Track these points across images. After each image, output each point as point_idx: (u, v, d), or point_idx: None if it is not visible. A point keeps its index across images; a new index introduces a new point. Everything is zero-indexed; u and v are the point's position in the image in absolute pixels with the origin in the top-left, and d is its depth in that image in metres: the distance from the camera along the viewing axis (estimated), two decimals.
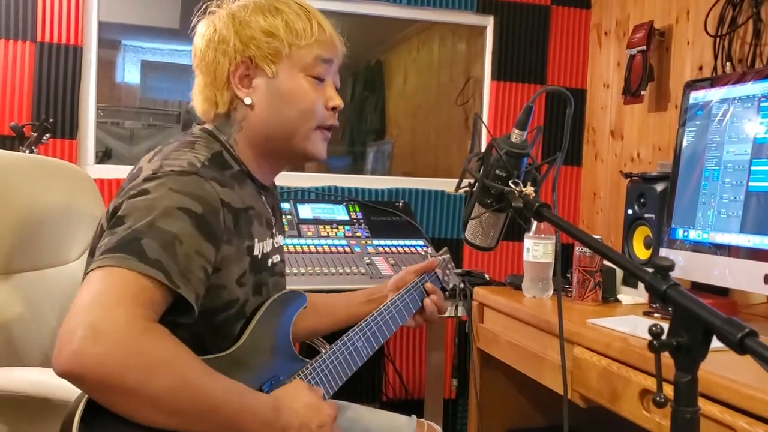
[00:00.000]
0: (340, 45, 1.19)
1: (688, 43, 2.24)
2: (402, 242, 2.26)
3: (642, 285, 1.62)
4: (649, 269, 0.81)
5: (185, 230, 0.95)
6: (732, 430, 1.10)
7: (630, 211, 1.95)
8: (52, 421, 1.25)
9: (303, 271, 1.99)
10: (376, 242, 2.24)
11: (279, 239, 1.25)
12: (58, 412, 1.18)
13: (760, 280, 1.46)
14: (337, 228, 2.27)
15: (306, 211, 2.31)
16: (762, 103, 1.52)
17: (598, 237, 1.11)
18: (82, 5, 2.34)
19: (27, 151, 2.10)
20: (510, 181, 1.14)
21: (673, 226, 1.72)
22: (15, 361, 1.31)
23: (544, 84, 2.79)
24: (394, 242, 2.26)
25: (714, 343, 0.71)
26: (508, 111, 2.76)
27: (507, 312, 1.87)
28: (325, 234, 2.23)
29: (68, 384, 0.84)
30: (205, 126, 1.16)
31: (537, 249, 1.87)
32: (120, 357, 0.83)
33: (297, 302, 1.22)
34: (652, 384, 1.28)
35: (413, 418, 1.46)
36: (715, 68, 2.08)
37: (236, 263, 1.06)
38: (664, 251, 1.73)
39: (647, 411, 1.29)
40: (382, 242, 2.25)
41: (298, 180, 2.57)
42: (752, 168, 1.52)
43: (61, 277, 1.46)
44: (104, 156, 2.65)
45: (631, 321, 1.55)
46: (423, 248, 2.21)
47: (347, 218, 2.34)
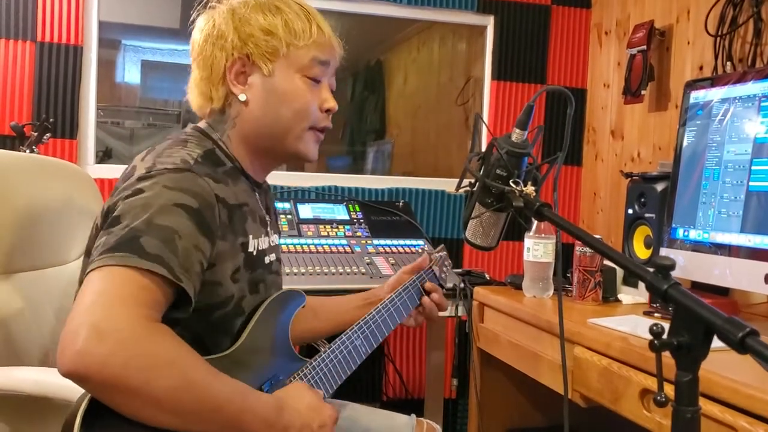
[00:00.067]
0: (339, 48, 1.20)
1: (688, 42, 2.24)
2: (402, 242, 2.26)
3: (642, 285, 1.62)
4: (650, 269, 0.81)
5: (183, 225, 0.95)
6: (733, 429, 1.10)
7: (630, 211, 1.95)
8: (53, 420, 1.25)
9: (303, 270, 1.99)
10: (376, 242, 2.24)
11: (274, 238, 1.25)
12: (59, 411, 1.18)
13: (761, 280, 1.46)
14: (337, 228, 2.27)
15: (306, 211, 2.31)
16: (762, 103, 1.52)
17: (598, 237, 1.11)
18: (83, 5, 2.34)
19: (27, 151, 2.10)
20: (511, 181, 1.14)
21: (674, 225, 1.72)
22: (15, 360, 1.31)
23: (545, 84, 2.79)
24: (395, 242, 2.26)
25: (714, 343, 0.71)
26: (509, 111, 2.76)
27: (507, 312, 1.87)
28: (326, 234, 2.23)
29: (69, 383, 0.84)
30: (197, 125, 1.17)
31: (537, 249, 1.87)
32: (123, 357, 0.83)
33: (296, 301, 1.22)
34: (652, 384, 1.28)
35: (413, 417, 1.46)
36: (715, 68, 2.08)
37: (230, 259, 1.06)
38: (664, 251, 1.73)
39: (648, 411, 1.29)
40: (383, 242, 2.25)
41: (298, 180, 2.57)
42: (753, 168, 1.52)
43: (61, 276, 1.46)
44: (104, 156, 2.65)
45: (632, 321, 1.55)
46: (422, 247, 2.21)
47: (347, 218, 2.34)
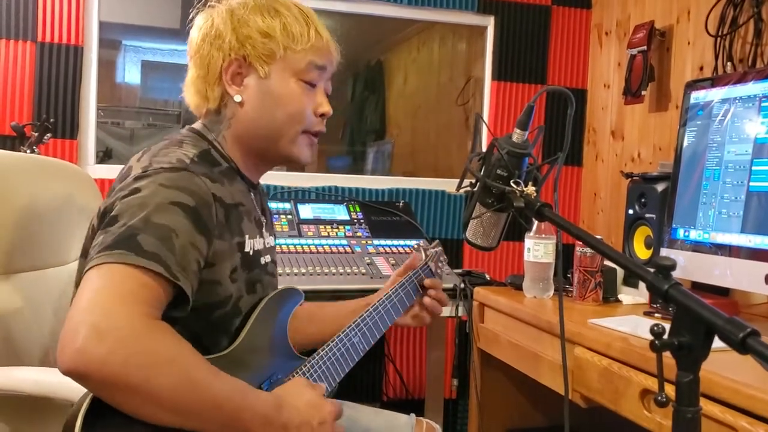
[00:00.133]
0: (336, 53, 1.20)
1: (688, 43, 2.24)
2: (402, 242, 2.26)
3: (643, 285, 1.62)
4: (651, 269, 0.81)
5: (180, 223, 0.95)
6: (733, 430, 1.10)
7: (631, 211, 1.95)
8: (53, 420, 1.25)
9: (303, 271, 1.99)
10: (376, 242, 2.24)
11: (269, 240, 1.24)
12: (59, 411, 1.18)
13: (761, 280, 1.46)
14: (337, 228, 2.27)
15: (306, 211, 2.31)
16: (763, 103, 1.52)
17: (598, 237, 1.11)
18: (83, 5, 2.34)
19: (28, 151, 2.10)
20: (511, 181, 1.14)
21: (674, 226, 1.72)
22: (15, 360, 1.31)
23: (545, 84, 2.79)
24: (395, 242, 2.26)
25: (715, 343, 0.71)
26: (509, 111, 2.76)
27: (507, 312, 1.87)
28: (326, 234, 2.23)
29: (69, 383, 0.84)
30: (192, 126, 1.18)
31: (538, 249, 1.87)
32: (123, 355, 0.83)
33: (294, 299, 1.22)
34: (652, 384, 1.28)
35: (412, 416, 1.46)
36: (715, 68, 2.08)
37: (228, 259, 1.06)
38: (664, 251, 1.73)
39: (648, 411, 1.29)
40: (383, 242, 2.25)
41: (298, 180, 2.57)
42: (753, 168, 1.52)
43: (61, 276, 1.46)
44: (105, 156, 2.66)
45: (632, 321, 1.55)
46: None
47: (348, 218, 2.34)
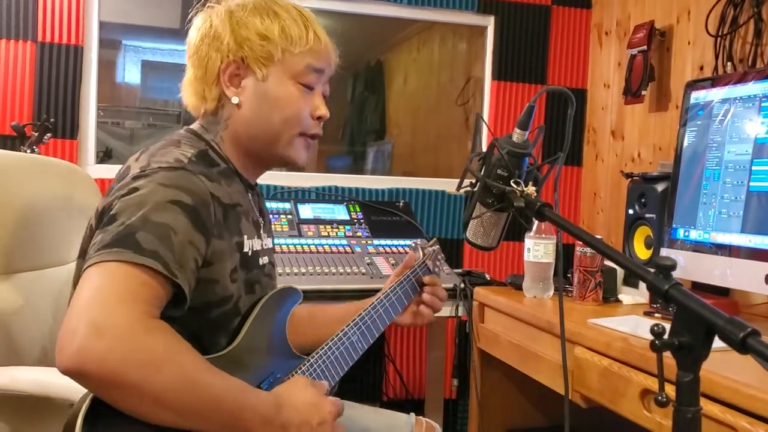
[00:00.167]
0: (334, 56, 1.19)
1: (689, 43, 2.24)
2: (402, 242, 2.26)
3: (643, 285, 1.62)
4: (651, 269, 0.81)
5: (178, 221, 0.95)
6: (733, 429, 1.10)
7: (631, 211, 1.95)
8: (53, 420, 1.25)
9: (303, 270, 1.99)
10: (376, 242, 2.24)
11: (267, 241, 1.24)
12: (59, 411, 1.18)
13: (761, 280, 1.46)
14: (337, 228, 2.27)
15: (306, 211, 2.31)
16: (763, 103, 1.52)
17: (599, 237, 1.11)
18: (83, 5, 2.34)
19: (28, 151, 2.10)
20: (512, 181, 1.14)
21: (674, 226, 1.72)
22: (15, 360, 1.31)
23: (545, 84, 2.79)
24: (395, 242, 2.26)
25: (715, 343, 0.71)
26: (509, 111, 2.76)
27: (508, 312, 1.87)
28: (326, 234, 2.23)
29: (69, 383, 0.84)
30: (190, 127, 1.17)
31: (538, 249, 1.87)
32: (122, 353, 0.83)
33: (292, 298, 1.22)
34: (652, 384, 1.28)
35: (412, 415, 1.46)
36: (716, 68, 2.08)
37: (228, 258, 1.06)
38: (664, 251, 1.73)
39: (648, 411, 1.29)
40: (383, 242, 2.25)
41: (298, 180, 2.57)
42: (753, 168, 1.52)
43: (60, 276, 1.46)
44: (105, 156, 2.65)
45: (632, 321, 1.55)
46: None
47: (348, 218, 2.34)
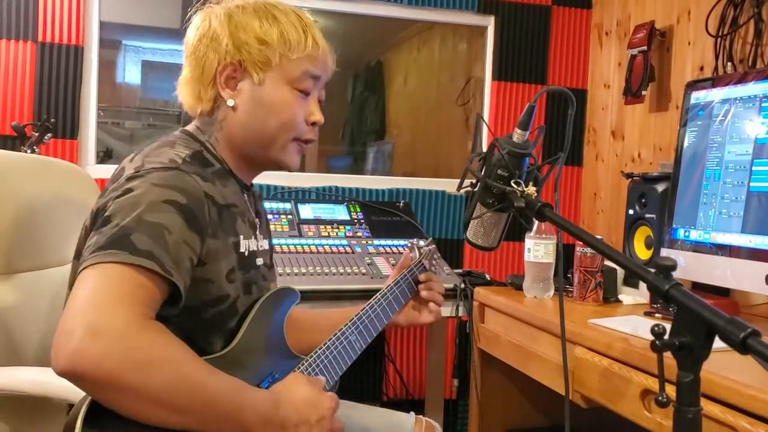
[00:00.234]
0: (332, 62, 1.19)
1: (689, 43, 2.24)
2: (402, 242, 2.26)
3: (643, 285, 1.62)
4: (651, 269, 0.81)
5: (172, 221, 0.95)
6: (733, 430, 1.10)
7: (631, 212, 1.95)
8: (53, 420, 1.25)
9: (304, 271, 1.99)
10: (376, 242, 2.24)
11: (264, 243, 1.24)
12: (59, 411, 1.18)
13: (762, 281, 1.46)
14: (337, 228, 2.27)
15: (307, 211, 2.31)
16: (763, 104, 1.52)
17: (599, 237, 1.11)
18: (83, 5, 2.34)
19: (28, 151, 2.10)
20: (512, 181, 1.14)
21: (674, 226, 1.72)
22: (15, 360, 1.31)
23: (545, 84, 2.79)
24: (395, 242, 2.26)
25: (715, 343, 0.71)
26: (509, 111, 2.76)
27: (508, 312, 1.87)
28: (326, 234, 2.23)
29: (69, 383, 0.84)
30: (185, 128, 1.17)
31: (538, 249, 1.87)
32: (119, 354, 0.83)
33: (290, 298, 1.22)
34: (652, 384, 1.28)
35: (411, 414, 1.46)
36: (716, 68, 2.08)
37: (224, 258, 1.06)
38: (665, 251, 1.73)
39: (648, 411, 1.29)
40: (383, 242, 2.25)
41: (298, 180, 2.56)
42: (753, 168, 1.52)
43: (61, 277, 1.46)
44: (105, 156, 2.65)
45: (632, 321, 1.55)
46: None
47: (348, 218, 2.34)
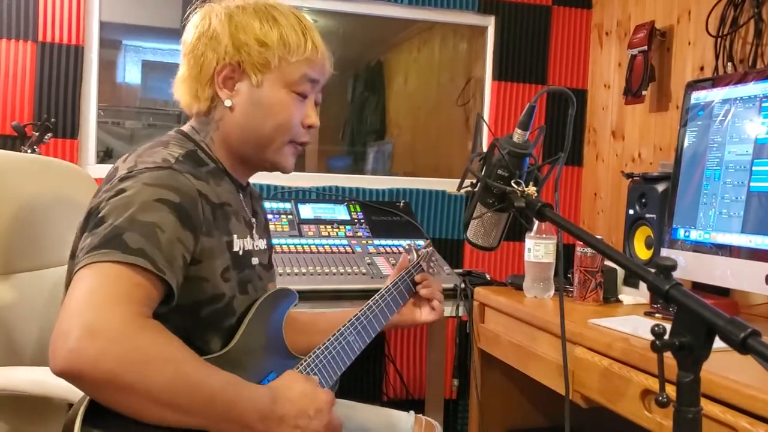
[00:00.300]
0: (329, 66, 1.19)
1: (689, 43, 2.24)
2: (403, 242, 2.26)
3: (643, 285, 1.62)
4: (651, 269, 0.81)
5: (165, 219, 0.96)
6: (733, 430, 1.10)
7: (631, 212, 1.95)
8: (52, 420, 1.25)
9: (304, 270, 1.99)
10: (377, 242, 2.24)
11: (260, 243, 1.23)
12: (59, 411, 1.18)
13: (762, 281, 1.46)
14: (338, 228, 2.27)
15: (307, 211, 2.31)
16: (763, 104, 1.52)
17: (599, 237, 1.11)
18: (84, 5, 2.34)
19: (29, 151, 2.10)
20: (512, 181, 1.14)
21: (675, 226, 1.72)
22: (15, 360, 1.31)
23: (545, 84, 2.79)
24: (395, 242, 2.26)
25: (715, 343, 0.71)
26: (509, 111, 2.76)
27: (508, 312, 1.87)
28: (326, 234, 2.23)
29: (69, 383, 0.84)
30: (180, 128, 1.18)
31: (538, 249, 1.87)
32: (117, 353, 0.83)
33: (288, 299, 1.22)
34: (653, 384, 1.28)
35: (411, 413, 1.46)
36: (716, 68, 2.08)
37: (219, 257, 1.06)
38: (665, 251, 1.73)
39: (648, 411, 1.29)
40: (383, 242, 2.25)
41: (298, 180, 2.56)
42: (754, 168, 1.52)
43: (60, 277, 1.46)
44: (105, 156, 2.65)
45: (633, 321, 1.55)
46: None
47: (348, 218, 2.34)
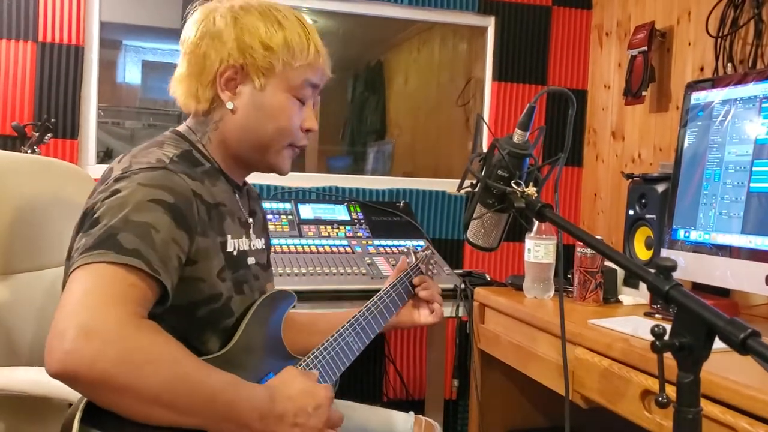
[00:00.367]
0: (329, 70, 1.20)
1: (689, 43, 2.24)
2: (403, 242, 2.26)
3: (643, 286, 1.62)
4: (651, 270, 0.81)
5: (159, 219, 0.95)
6: (733, 430, 1.10)
7: (631, 212, 1.95)
8: (52, 420, 1.25)
9: (304, 271, 1.99)
10: (376, 242, 2.24)
11: (257, 242, 1.23)
12: (58, 411, 1.18)
13: (761, 281, 1.46)
14: (338, 228, 2.27)
15: (307, 212, 2.31)
16: (763, 104, 1.52)
17: (599, 238, 1.11)
18: (84, 5, 2.34)
19: (29, 151, 2.10)
20: (512, 182, 1.14)
21: (675, 226, 1.72)
22: (14, 360, 1.31)
23: (545, 85, 2.79)
24: (395, 242, 2.26)
25: (715, 344, 0.71)
26: (509, 112, 2.76)
27: (508, 312, 1.87)
28: (326, 234, 2.23)
29: None
30: (175, 129, 1.17)
31: (538, 249, 1.87)
32: (113, 354, 0.83)
33: (287, 301, 1.22)
34: (653, 384, 1.28)
35: (411, 414, 1.46)
36: (716, 69, 2.08)
37: (214, 257, 1.06)
38: (665, 252, 1.73)
39: (648, 411, 1.29)
40: (383, 242, 2.25)
41: (298, 180, 2.56)
42: (753, 169, 1.52)
43: (61, 277, 1.46)
44: (105, 156, 2.65)
45: (633, 322, 1.55)
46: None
47: (348, 218, 2.34)
